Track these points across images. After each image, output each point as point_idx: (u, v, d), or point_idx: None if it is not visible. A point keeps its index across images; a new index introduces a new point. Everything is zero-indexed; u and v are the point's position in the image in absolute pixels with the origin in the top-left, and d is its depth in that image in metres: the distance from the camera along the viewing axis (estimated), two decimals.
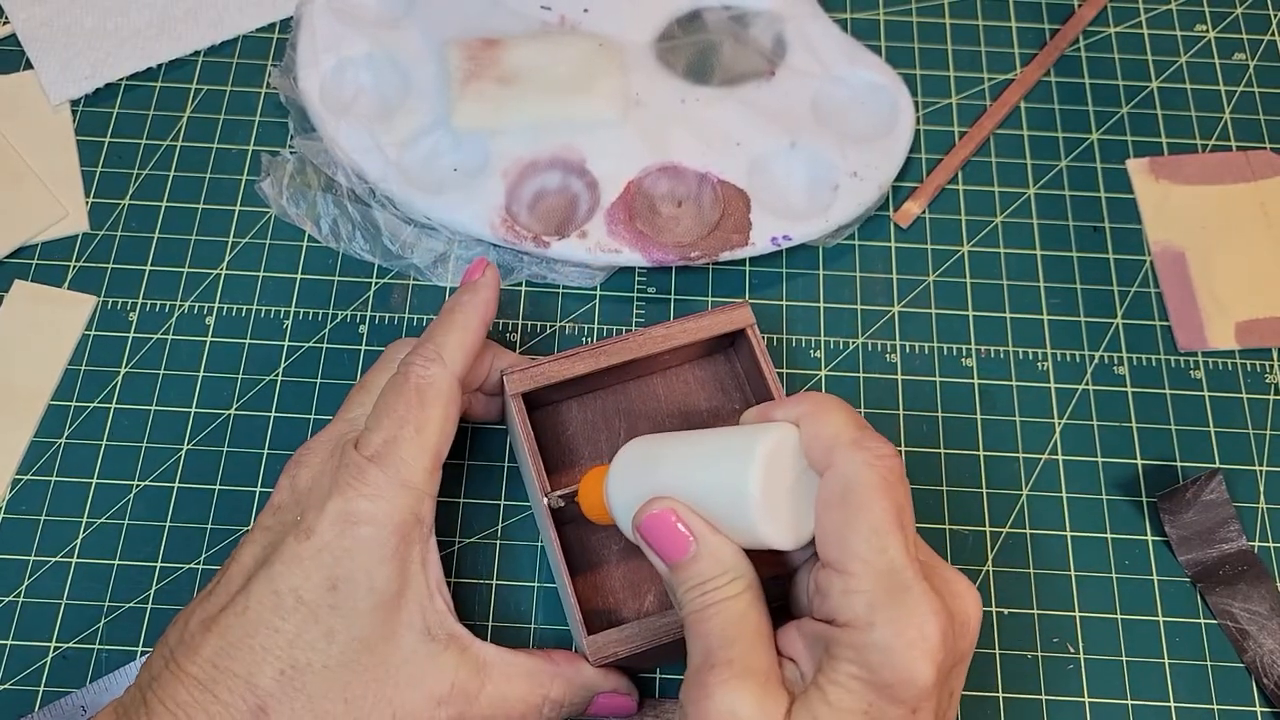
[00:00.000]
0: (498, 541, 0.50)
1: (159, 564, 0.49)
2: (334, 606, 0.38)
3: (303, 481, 0.42)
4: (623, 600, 0.47)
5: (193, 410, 0.52)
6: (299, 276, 0.55)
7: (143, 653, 0.47)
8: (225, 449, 0.51)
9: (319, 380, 0.53)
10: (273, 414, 0.52)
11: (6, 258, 0.55)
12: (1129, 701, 0.47)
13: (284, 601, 0.38)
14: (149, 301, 0.54)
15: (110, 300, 0.54)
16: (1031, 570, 0.50)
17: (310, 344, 0.53)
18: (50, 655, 0.47)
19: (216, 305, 0.54)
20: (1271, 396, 0.53)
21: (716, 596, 0.37)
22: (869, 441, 0.36)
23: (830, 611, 0.35)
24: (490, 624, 0.48)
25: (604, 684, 0.43)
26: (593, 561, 0.47)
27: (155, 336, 0.53)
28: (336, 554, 0.39)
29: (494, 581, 0.49)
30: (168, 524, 0.50)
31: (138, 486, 0.50)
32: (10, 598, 0.48)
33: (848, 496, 0.35)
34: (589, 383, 0.49)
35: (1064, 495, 0.51)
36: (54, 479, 0.50)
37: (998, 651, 0.48)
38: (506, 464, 0.51)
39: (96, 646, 0.47)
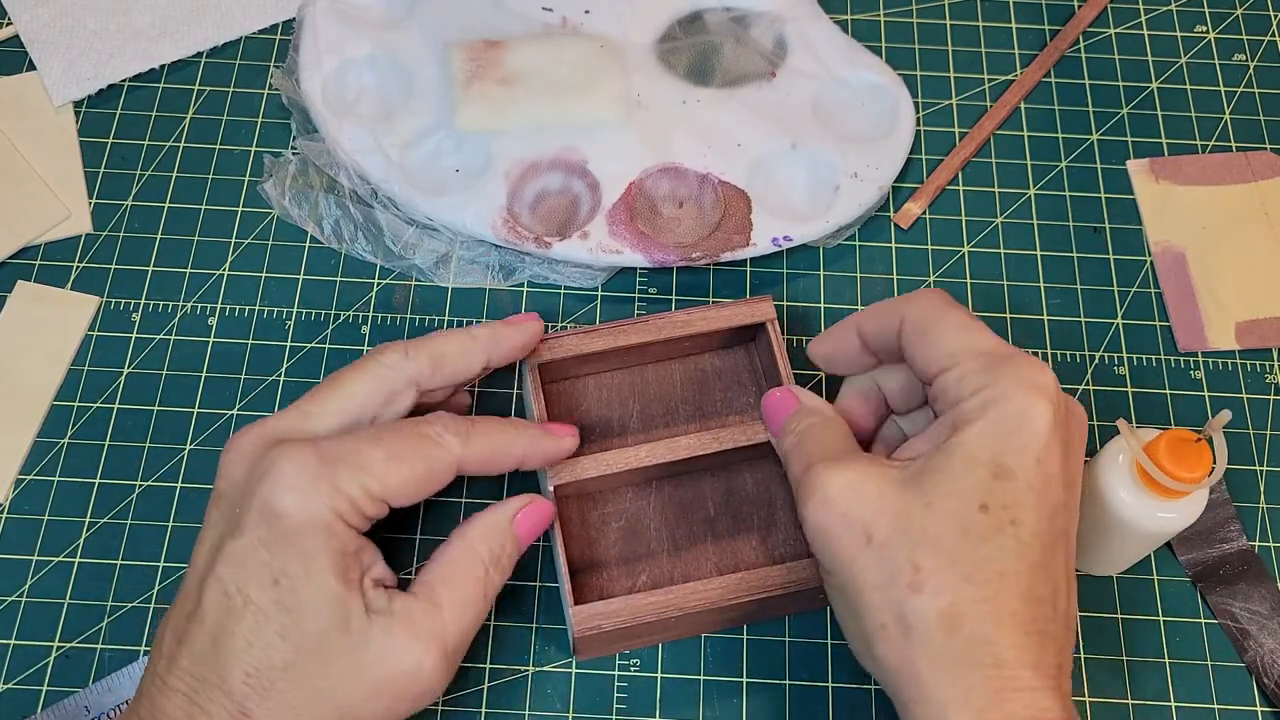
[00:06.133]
0: None
1: (162, 564, 0.49)
2: (279, 602, 0.38)
3: (235, 470, 0.41)
4: (615, 578, 0.48)
5: (195, 410, 0.52)
6: (301, 277, 0.55)
7: (145, 652, 0.47)
8: None
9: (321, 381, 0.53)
10: None
11: (9, 258, 0.55)
12: (1129, 701, 0.47)
13: (234, 603, 0.38)
14: (152, 302, 0.54)
15: (113, 301, 0.54)
16: None
17: (313, 345, 0.54)
18: (53, 655, 0.47)
19: (219, 306, 0.54)
20: (1272, 397, 0.53)
21: (807, 429, 0.42)
22: (911, 295, 0.42)
23: (955, 394, 0.38)
24: (491, 624, 0.48)
25: (506, 510, 0.43)
26: (592, 536, 0.48)
27: (158, 337, 0.54)
28: (271, 549, 0.38)
29: None
30: (170, 524, 0.50)
31: (140, 486, 0.50)
32: (13, 598, 0.48)
33: (922, 325, 0.40)
34: (607, 360, 0.50)
35: None
36: (57, 479, 0.51)
37: None
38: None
39: (99, 646, 0.48)
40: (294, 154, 0.57)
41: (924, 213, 0.57)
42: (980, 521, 0.36)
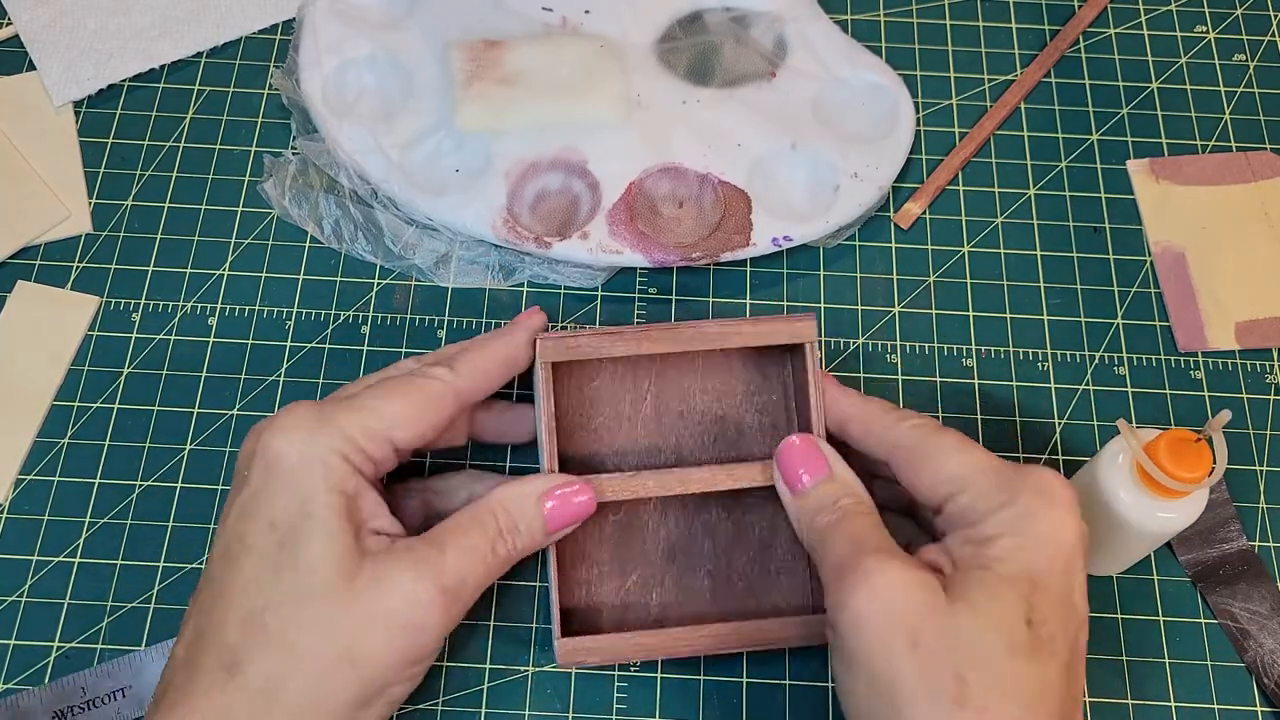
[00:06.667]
0: None
1: (161, 564, 0.49)
2: (279, 543, 0.38)
3: (247, 446, 0.41)
4: (606, 574, 0.47)
5: (195, 410, 0.52)
6: (301, 277, 0.55)
7: (145, 650, 0.47)
8: (228, 449, 0.51)
9: (321, 381, 0.53)
10: None
11: (9, 258, 0.55)
12: (1129, 701, 0.47)
13: (234, 551, 0.39)
14: (152, 302, 0.54)
15: (113, 301, 0.54)
16: None
17: (313, 344, 0.54)
18: (53, 655, 0.47)
19: (219, 306, 0.54)
20: (1271, 397, 0.53)
21: (849, 510, 0.41)
22: (905, 413, 0.43)
23: (975, 514, 0.38)
24: (491, 623, 0.48)
25: (537, 485, 0.43)
26: (586, 528, 0.47)
27: (158, 337, 0.54)
28: (270, 492, 0.39)
29: (495, 581, 0.49)
30: (170, 524, 0.50)
31: (140, 486, 0.50)
32: (13, 598, 0.48)
33: (914, 452, 0.41)
34: (628, 361, 0.48)
35: None
36: (57, 479, 0.51)
37: None
38: (509, 464, 0.51)
39: (99, 646, 0.48)
40: (294, 154, 0.57)
41: (924, 213, 0.57)
42: (1026, 638, 0.36)
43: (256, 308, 0.54)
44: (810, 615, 0.45)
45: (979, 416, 0.53)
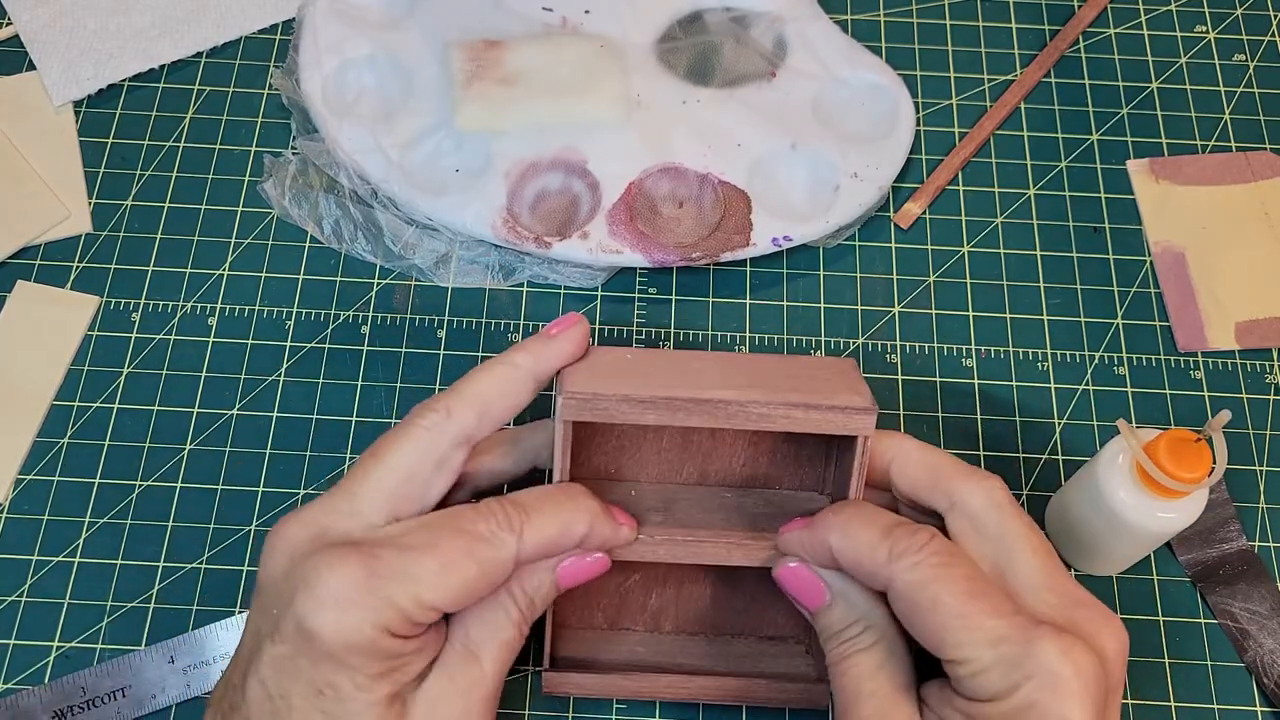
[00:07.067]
0: None
1: (161, 564, 0.49)
2: (325, 712, 0.36)
3: (276, 564, 0.38)
4: (602, 583, 0.44)
5: (195, 410, 0.52)
6: (301, 277, 0.55)
7: (145, 649, 0.47)
8: (228, 449, 0.51)
9: (321, 380, 0.53)
10: (275, 414, 0.52)
11: (9, 258, 0.55)
12: (1129, 701, 0.47)
13: (278, 706, 0.36)
14: (152, 302, 0.54)
15: (113, 301, 0.54)
16: None
17: (312, 344, 0.54)
18: (53, 655, 0.47)
19: (219, 306, 0.54)
20: (1271, 397, 0.53)
21: (851, 648, 0.39)
22: (900, 544, 0.38)
23: (971, 692, 0.36)
24: None
25: (551, 560, 0.40)
26: None
27: (158, 337, 0.54)
28: (312, 661, 0.36)
29: None
30: (170, 524, 0.50)
31: (140, 486, 0.50)
32: (13, 597, 0.48)
33: (913, 606, 0.37)
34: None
35: None
36: (57, 479, 0.51)
37: None
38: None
39: (99, 646, 0.48)
40: (294, 154, 0.57)
41: (924, 213, 0.57)
42: None
43: (256, 308, 0.54)
44: (811, 684, 0.45)
45: (979, 416, 0.53)
